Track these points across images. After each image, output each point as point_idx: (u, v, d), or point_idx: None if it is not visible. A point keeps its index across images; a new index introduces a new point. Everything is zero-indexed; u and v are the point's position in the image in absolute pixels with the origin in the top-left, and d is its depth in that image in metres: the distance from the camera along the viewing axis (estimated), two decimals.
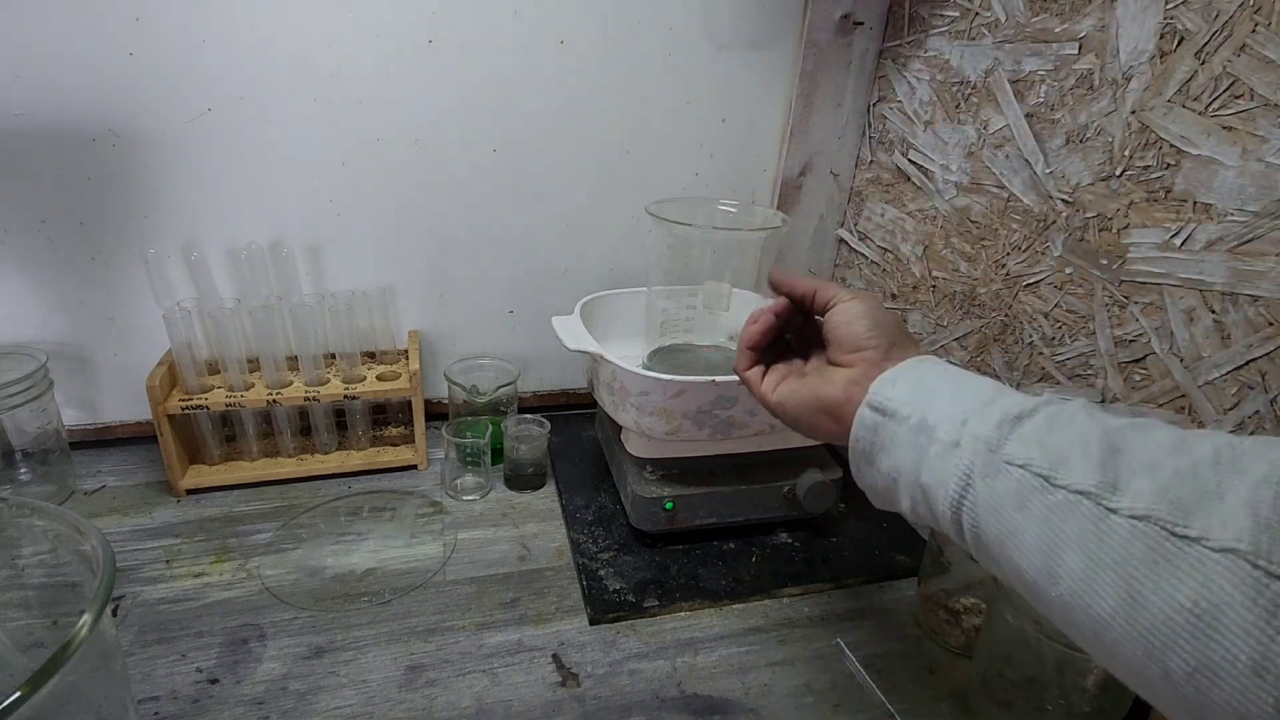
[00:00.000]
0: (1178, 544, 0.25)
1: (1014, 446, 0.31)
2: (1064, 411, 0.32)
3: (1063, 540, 0.28)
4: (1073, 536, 0.28)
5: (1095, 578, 0.27)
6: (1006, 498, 0.31)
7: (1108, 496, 0.27)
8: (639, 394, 0.61)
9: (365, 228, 0.77)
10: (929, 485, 0.34)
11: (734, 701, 0.53)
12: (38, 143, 0.65)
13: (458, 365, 0.83)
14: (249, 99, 0.69)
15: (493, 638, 0.58)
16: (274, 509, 0.71)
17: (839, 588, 0.66)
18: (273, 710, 0.50)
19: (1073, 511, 0.28)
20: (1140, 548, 0.26)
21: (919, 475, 0.35)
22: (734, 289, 0.66)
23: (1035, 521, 0.29)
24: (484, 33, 0.72)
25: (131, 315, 0.74)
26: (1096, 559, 0.27)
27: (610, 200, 0.83)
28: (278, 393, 0.72)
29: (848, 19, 0.79)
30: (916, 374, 0.38)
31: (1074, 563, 0.28)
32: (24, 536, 0.42)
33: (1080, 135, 0.58)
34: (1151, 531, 0.26)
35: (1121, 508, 0.27)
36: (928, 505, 0.35)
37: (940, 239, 0.74)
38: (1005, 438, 0.32)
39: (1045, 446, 0.30)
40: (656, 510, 0.65)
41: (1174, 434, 0.29)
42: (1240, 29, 0.46)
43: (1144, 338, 0.54)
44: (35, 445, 0.69)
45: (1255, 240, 0.47)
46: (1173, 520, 0.25)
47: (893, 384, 0.37)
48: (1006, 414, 0.32)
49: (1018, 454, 0.31)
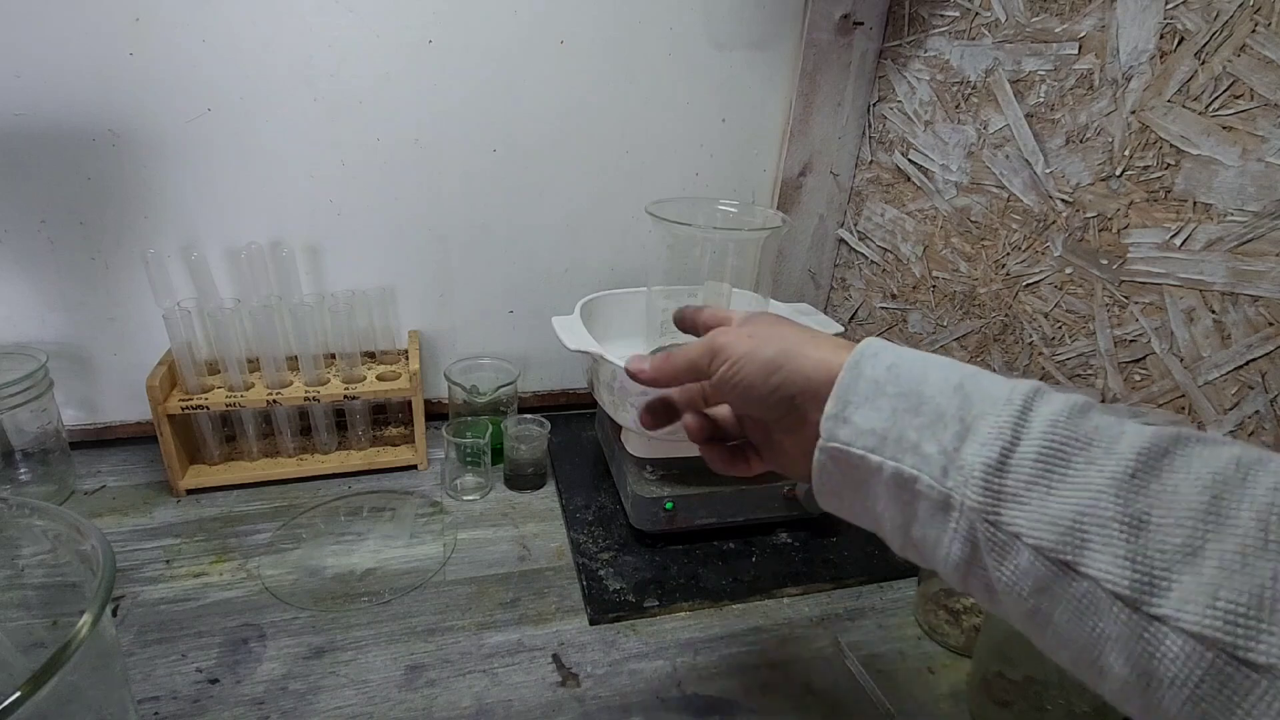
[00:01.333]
0: (1250, 676, 0.21)
1: (1013, 514, 0.26)
2: (1050, 444, 0.27)
3: (1101, 640, 0.24)
4: (1114, 639, 0.24)
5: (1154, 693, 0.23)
6: (1024, 579, 0.26)
7: (1148, 600, 0.23)
8: (639, 394, 0.61)
9: (365, 228, 0.77)
10: (924, 540, 0.30)
11: (734, 701, 0.53)
12: (38, 143, 0.65)
13: (458, 365, 0.83)
14: (249, 99, 0.69)
15: (493, 638, 0.58)
16: (274, 509, 0.71)
17: (839, 588, 0.66)
18: (273, 710, 0.50)
19: (1107, 611, 0.24)
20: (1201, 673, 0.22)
21: (909, 529, 0.31)
22: (734, 289, 0.66)
23: (1065, 612, 0.25)
24: (484, 33, 0.72)
25: (131, 315, 0.74)
26: (1150, 674, 0.23)
27: (610, 200, 0.83)
28: (278, 393, 0.72)
29: (848, 19, 0.79)
30: (865, 392, 0.31)
31: (1121, 669, 0.24)
32: (24, 536, 0.42)
33: (1080, 135, 0.58)
34: (1213, 657, 0.22)
35: (1167, 615, 0.22)
36: (922, 556, 0.31)
37: (940, 239, 0.74)
38: (999, 501, 0.27)
39: (1052, 517, 0.26)
40: (656, 510, 0.65)
41: (1198, 482, 0.24)
42: (1240, 29, 0.46)
43: (1144, 338, 0.54)
44: (35, 445, 0.69)
45: (1255, 240, 0.47)
46: (1235, 643, 0.21)
47: (844, 421, 0.31)
48: (987, 462, 0.27)
49: (1021, 527, 0.26)
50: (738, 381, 0.36)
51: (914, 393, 0.30)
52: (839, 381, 0.32)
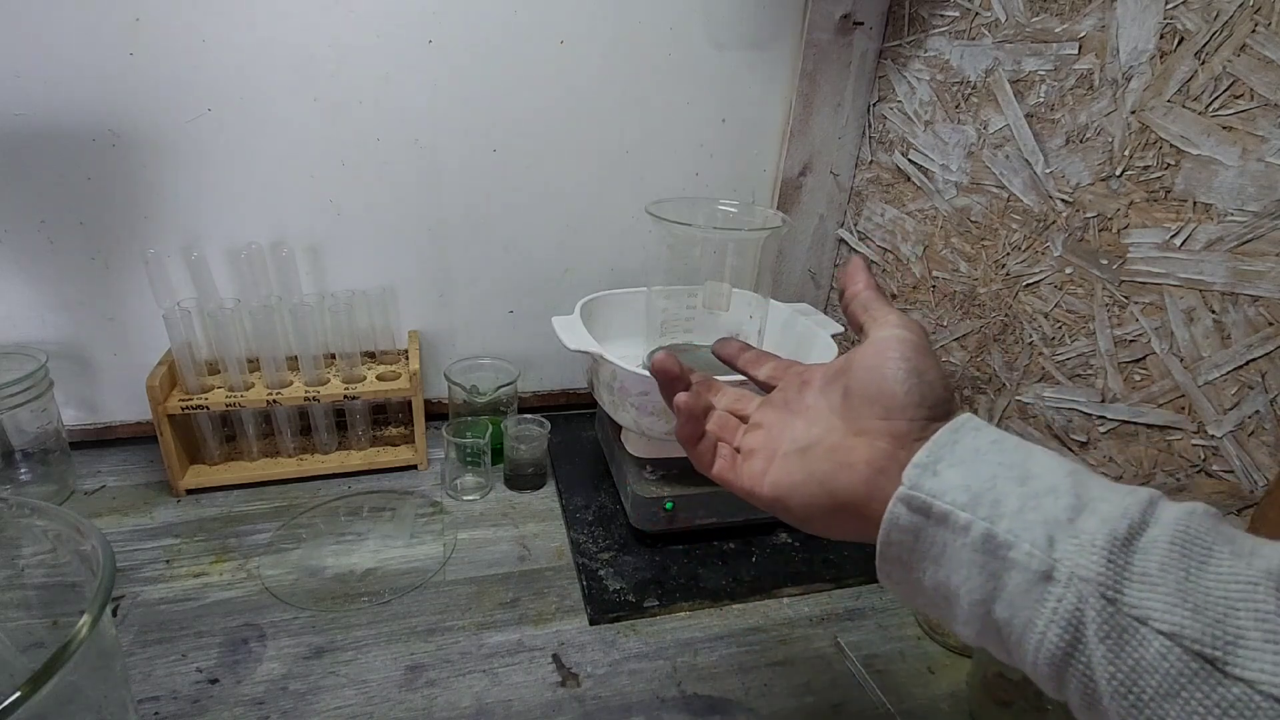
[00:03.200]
0: None
1: (1141, 594, 0.22)
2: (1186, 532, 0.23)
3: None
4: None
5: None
6: (1145, 676, 0.22)
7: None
8: (639, 394, 0.61)
9: (365, 228, 0.77)
10: (1009, 623, 0.25)
11: (734, 701, 0.53)
12: (38, 143, 0.65)
13: (458, 365, 0.83)
14: (249, 99, 0.69)
15: (493, 638, 0.58)
16: (274, 509, 0.71)
17: (839, 588, 0.66)
18: (273, 710, 0.50)
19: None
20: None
21: (991, 607, 0.26)
22: (734, 289, 0.66)
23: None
24: (484, 33, 0.72)
25: (131, 315, 0.74)
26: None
27: (610, 200, 0.83)
28: (278, 393, 0.72)
29: (848, 19, 0.79)
30: (961, 455, 0.28)
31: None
32: (24, 536, 0.42)
33: (1080, 135, 0.58)
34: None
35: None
36: (1004, 644, 0.26)
37: (940, 239, 0.74)
38: (1123, 578, 0.23)
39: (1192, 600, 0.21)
40: (656, 510, 0.65)
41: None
42: (1240, 29, 0.46)
43: (1144, 338, 0.54)
44: (35, 445, 0.69)
45: (1255, 240, 0.47)
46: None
47: (934, 474, 0.27)
48: (1113, 534, 0.23)
49: (1152, 610, 0.22)
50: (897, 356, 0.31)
51: (1019, 464, 0.27)
52: (934, 439, 0.28)
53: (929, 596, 0.29)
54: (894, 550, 0.29)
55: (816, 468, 0.32)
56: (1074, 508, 0.25)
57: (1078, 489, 0.26)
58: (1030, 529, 0.25)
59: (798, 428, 0.34)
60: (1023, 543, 0.25)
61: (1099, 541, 0.23)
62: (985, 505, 0.26)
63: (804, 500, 0.32)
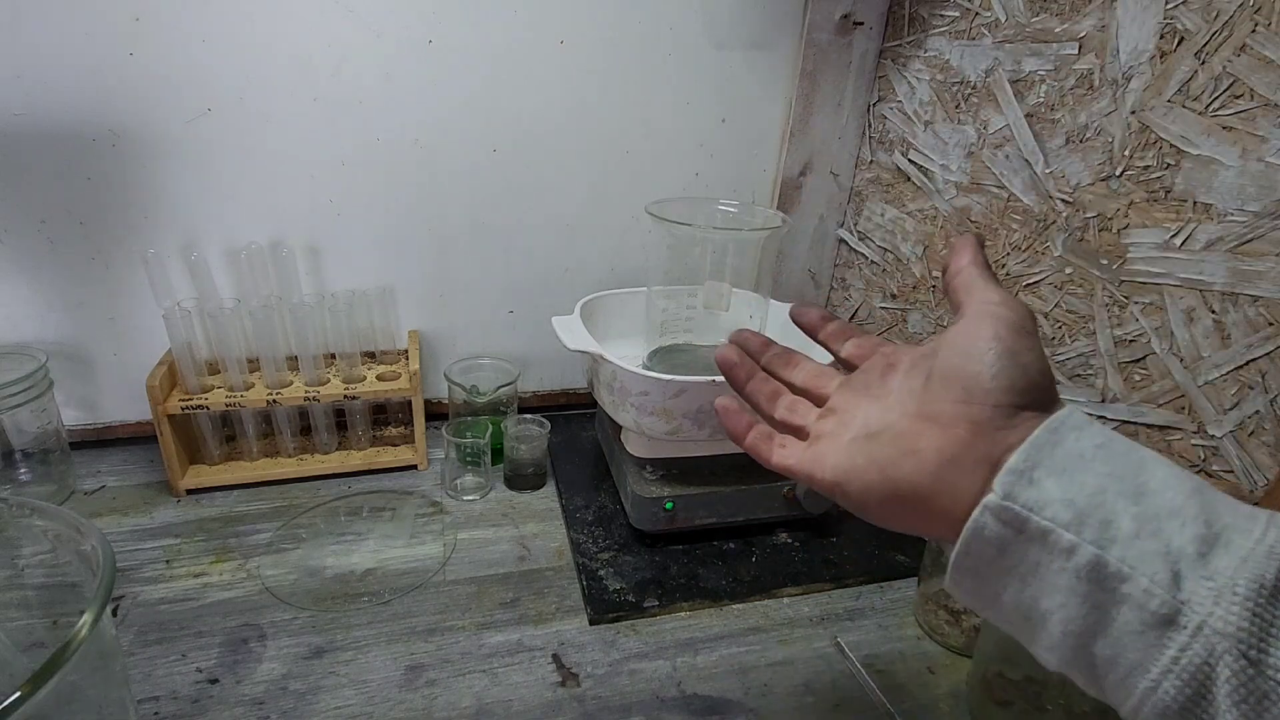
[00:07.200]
0: None
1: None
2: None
3: None
4: None
5: None
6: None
7: None
8: (639, 394, 0.61)
9: (365, 228, 0.77)
10: (1111, 662, 0.23)
11: (734, 701, 0.53)
12: (38, 143, 0.65)
13: (458, 365, 0.83)
14: (249, 99, 0.69)
15: (493, 638, 0.58)
16: (274, 509, 0.71)
17: (839, 588, 0.66)
18: (273, 710, 0.50)
19: None
20: None
21: (1091, 641, 0.23)
22: (734, 289, 0.66)
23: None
24: (484, 33, 0.72)
25: (131, 315, 0.74)
26: None
27: (610, 200, 0.83)
28: (278, 393, 0.72)
29: (848, 19, 0.79)
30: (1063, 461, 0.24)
31: None
32: (24, 536, 0.42)
33: (1080, 135, 0.58)
34: None
35: None
36: (1097, 682, 0.24)
37: (940, 239, 0.74)
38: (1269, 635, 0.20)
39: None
40: (656, 510, 0.65)
41: None
42: (1240, 29, 0.46)
43: (1144, 338, 0.54)
44: (35, 445, 0.69)
45: (1255, 240, 0.47)
46: None
47: (1030, 482, 0.24)
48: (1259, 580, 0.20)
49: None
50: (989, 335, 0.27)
51: (1131, 476, 0.24)
52: (1030, 440, 0.25)
53: (1006, 614, 0.26)
54: (972, 561, 0.26)
55: (879, 453, 0.29)
56: (1203, 539, 0.22)
57: (1206, 513, 0.22)
58: (1148, 560, 0.22)
59: (872, 413, 0.31)
60: (1140, 576, 0.22)
61: (1240, 588, 0.21)
62: (1092, 526, 0.23)
63: (861, 486, 0.29)
